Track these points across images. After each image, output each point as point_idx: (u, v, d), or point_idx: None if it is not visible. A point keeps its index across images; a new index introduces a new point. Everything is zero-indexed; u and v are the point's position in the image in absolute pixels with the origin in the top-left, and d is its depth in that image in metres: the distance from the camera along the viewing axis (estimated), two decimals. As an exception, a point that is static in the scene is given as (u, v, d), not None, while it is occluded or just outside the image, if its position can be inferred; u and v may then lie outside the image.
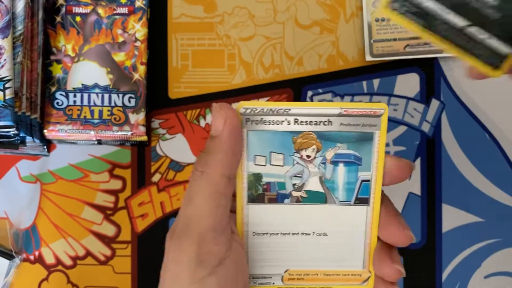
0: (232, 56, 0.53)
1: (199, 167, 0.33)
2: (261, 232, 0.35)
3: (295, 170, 0.34)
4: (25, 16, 0.48)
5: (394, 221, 0.35)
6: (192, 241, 0.32)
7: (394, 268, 0.35)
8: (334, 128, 0.33)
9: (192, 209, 0.33)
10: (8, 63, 0.47)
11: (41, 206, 0.52)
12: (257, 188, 0.34)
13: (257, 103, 0.33)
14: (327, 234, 0.35)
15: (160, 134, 0.53)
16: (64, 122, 0.50)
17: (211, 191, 0.32)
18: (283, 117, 0.33)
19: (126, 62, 0.51)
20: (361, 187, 0.34)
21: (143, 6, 0.51)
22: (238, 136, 0.33)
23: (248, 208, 0.34)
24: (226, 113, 0.33)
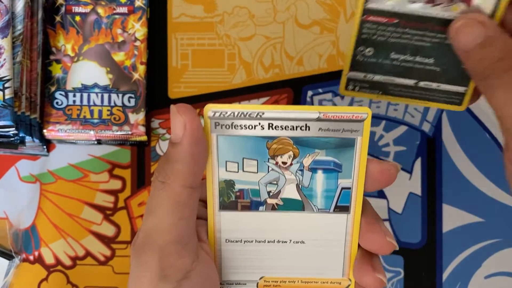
0: (232, 56, 0.53)
1: (159, 177, 0.31)
2: (235, 239, 0.34)
3: (270, 177, 0.32)
4: (24, 16, 0.48)
5: (375, 229, 0.33)
6: (153, 256, 0.30)
7: (374, 277, 0.33)
8: (312, 134, 0.32)
9: (153, 221, 0.31)
10: (8, 63, 0.47)
11: (40, 206, 0.52)
12: (229, 195, 0.33)
13: (227, 106, 0.31)
14: (305, 242, 0.34)
15: (160, 134, 0.53)
16: (64, 122, 0.50)
17: (172, 203, 0.31)
18: (256, 121, 0.31)
19: (125, 62, 0.51)
20: (341, 194, 0.33)
21: (142, 6, 0.51)
22: (200, 142, 0.31)
23: (220, 215, 0.33)
24: (186, 117, 0.30)
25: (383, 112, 0.53)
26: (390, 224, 0.52)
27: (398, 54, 0.35)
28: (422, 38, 0.35)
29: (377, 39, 0.35)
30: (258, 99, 0.53)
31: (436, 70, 0.35)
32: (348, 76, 0.37)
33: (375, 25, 0.35)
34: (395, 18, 0.34)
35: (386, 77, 0.36)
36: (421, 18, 0.34)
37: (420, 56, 0.35)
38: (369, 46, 0.36)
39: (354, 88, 0.37)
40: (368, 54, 0.36)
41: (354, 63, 0.36)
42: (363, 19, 0.35)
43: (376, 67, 0.36)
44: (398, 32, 0.35)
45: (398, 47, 0.35)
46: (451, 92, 0.36)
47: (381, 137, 0.53)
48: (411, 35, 0.35)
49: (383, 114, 0.53)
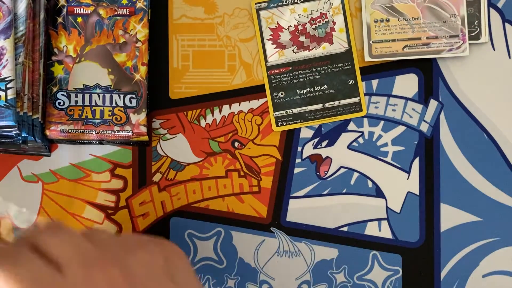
0: (232, 57, 0.53)
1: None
2: None
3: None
4: (26, 17, 0.48)
5: None
6: None
7: None
8: None
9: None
10: (10, 64, 0.47)
11: (42, 206, 0.53)
12: None
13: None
14: None
15: (161, 134, 0.53)
16: (66, 122, 0.50)
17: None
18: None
19: (127, 63, 0.51)
20: None
21: (144, 7, 0.51)
22: None
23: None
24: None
25: (381, 113, 0.53)
26: (388, 223, 0.53)
27: (302, 90, 0.51)
28: (312, 73, 0.50)
29: (283, 84, 0.51)
30: (258, 99, 0.53)
31: (332, 92, 0.51)
32: (274, 115, 0.51)
33: (278, 75, 0.50)
34: (289, 66, 0.50)
35: (301, 108, 0.51)
36: (305, 61, 0.50)
37: (317, 86, 0.50)
38: (279, 90, 0.51)
39: (282, 123, 0.51)
40: (282, 96, 0.51)
41: (275, 105, 0.51)
42: (268, 74, 0.51)
43: (291, 104, 0.51)
44: (295, 75, 0.50)
45: (299, 85, 0.50)
46: (351, 104, 0.51)
47: (380, 137, 0.53)
48: (304, 74, 0.50)
49: (381, 115, 0.53)
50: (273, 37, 0.49)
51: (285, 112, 0.51)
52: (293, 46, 0.49)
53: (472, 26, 0.53)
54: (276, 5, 0.49)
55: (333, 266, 0.52)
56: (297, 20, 0.49)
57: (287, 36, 0.49)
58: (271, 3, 0.49)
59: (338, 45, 0.51)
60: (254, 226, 0.53)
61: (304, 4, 0.49)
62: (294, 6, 0.48)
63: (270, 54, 0.50)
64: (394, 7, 0.53)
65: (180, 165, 0.53)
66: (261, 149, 0.53)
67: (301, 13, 0.49)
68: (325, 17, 0.49)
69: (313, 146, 0.53)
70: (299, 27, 0.49)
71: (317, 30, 0.49)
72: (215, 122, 0.53)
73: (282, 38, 0.49)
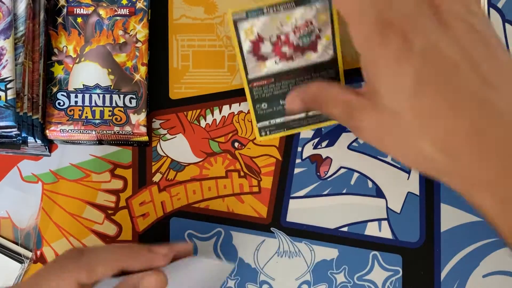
0: (232, 57, 0.53)
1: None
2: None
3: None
4: (26, 17, 0.48)
5: None
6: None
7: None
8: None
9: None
10: (10, 64, 0.47)
11: (42, 206, 0.53)
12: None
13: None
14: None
15: (161, 134, 0.53)
16: (66, 122, 0.50)
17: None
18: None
19: (127, 63, 0.51)
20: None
21: (144, 8, 0.51)
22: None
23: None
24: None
25: (381, 113, 0.53)
26: (388, 223, 0.53)
27: (284, 100, 0.48)
28: (296, 83, 0.48)
29: (266, 96, 0.48)
30: (258, 99, 0.53)
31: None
32: (258, 126, 0.50)
33: (260, 87, 0.48)
34: (271, 78, 0.48)
35: (284, 117, 0.49)
36: (288, 71, 0.47)
37: None
38: (262, 102, 0.48)
39: (266, 133, 0.50)
40: (264, 108, 0.48)
41: (258, 117, 0.49)
42: (250, 87, 0.48)
43: (274, 114, 0.49)
44: (277, 86, 0.48)
45: (282, 95, 0.48)
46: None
47: (380, 137, 0.53)
48: (287, 84, 0.48)
49: (381, 115, 0.53)
50: (254, 49, 0.46)
51: (268, 122, 0.49)
52: (275, 57, 0.46)
53: (472, 26, 0.53)
54: (256, 15, 0.44)
55: (333, 266, 0.52)
56: (279, 30, 0.45)
57: (268, 48, 0.46)
58: (249, 13, 0.44)
59: (324, 53, 0.48)
60: (254, 226, 0.53)
61: (287, 12, 0.45)
62: (276, 15, 0.44)
63: (251, 67, 0.47)
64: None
65: (180, 165, 0.53)
66: (261, 149, 0.53)
67: (284, 22, 0.45)
68: (310, 25, 0.46)
69: (313, 146, 0.53)
70: (282, 37, 0.45)
71: (301, 39, 0.46)
72: (215, 122, 0.53)
73: (263, 49, 0.46)
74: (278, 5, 0.44)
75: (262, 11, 0.44)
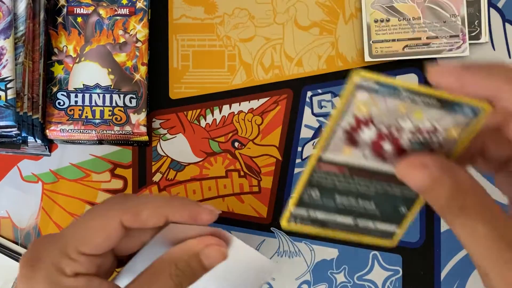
0: (232, 57, 0.54)
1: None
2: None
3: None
4: (26, 17, 0.48)
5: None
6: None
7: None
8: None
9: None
10: (10, 64, 0.47)
11: (43, 206, 0.53)
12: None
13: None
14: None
15: (161, 134, 0.53)
16: (66, 122, 0.50)
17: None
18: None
19: (127, 63, 0.51)
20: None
21: (144, 7, 0.51)
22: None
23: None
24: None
25: (381, 113, 0.53)
26: (388, 223, 0.53)
27: (343, 197, 0.37)
28: (368, 186, 0.37)
29: (325, 185, 0.37)
30: (258, 99, 0.53)
31: (375, 213, 0.38)
32: (292, 211, 0.38)
33: (326, 173, 0.36)
34: (345, 169, 0.36)
35: (328, 215, 0.38)
36: (370, 171, 0.36)
37: (363, 199, 0.37)
38: (316, 189, 0.37)
39: (295, 222, 0.39)
40: (315, 196, 0.37)
41: (300, 202, 0.38)
42: (316, 167, 0.36)
43: (319, 206, 0.38)
44: (346, 180, 0.37)
45: (343, 192, 0.37)
46: (386, 231, 0.39)
47: (380, 137, 0.53)
48: (358, 183, 0.37)
49: (381, 115, 0.53)
50: (352, 128, 0.34)
51: (307, 212, 0.38)
52: (368, 149, 0.35)
53: (472, 26, 0.53)
54: (387, 93, 0.32)
55: (333, 266, 0.52)
56: (397, 122, 0.33)
57: (369, 135, 0.34)
58: (382, 87, 0.32)
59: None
60: (254, 226, 0.53)
61: (423, 107, 0.33)
62: (409, 104, 0.34)
63: (334, 145, 0.35)
64: (394, 7, 0.53)
65: (180, 165, 0.53)
66: (261, 149, 0.53)
67: (410, 116, 0.33)
68: (434, 134, 0.34)
69: (313, 146, 0.53)
70: (393, 132, 0.34)
71: (413, 145, 0.34)
72: (215, 122, 0.53)
73: (361, 134, 0.34)
74: (419, 95, 0.33)
75: (398, 93, 0.33)
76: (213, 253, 0.39)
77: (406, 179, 0.33)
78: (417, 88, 0.33)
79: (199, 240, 0.39)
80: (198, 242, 0.39)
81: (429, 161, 0.32)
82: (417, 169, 0.32)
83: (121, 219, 0.37)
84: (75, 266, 0.36)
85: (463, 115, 0.33)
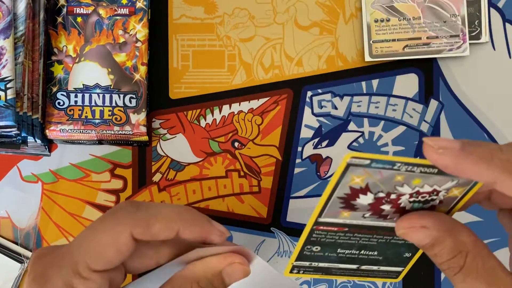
0: (232, 57, 0.53)
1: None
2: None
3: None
4: (26, 17, 0.48)
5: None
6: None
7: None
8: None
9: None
10: (10, 64, 0.47)
11: (42, 206, 0.53)
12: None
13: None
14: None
15: (161, 134, 0.53)
16: (65, 122, 0.50)
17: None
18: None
19: (127, 63, 0.51)
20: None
21: (143, 7, 0.51)
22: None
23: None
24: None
25: (381, 113, 0.53)
26: (389, 223, 0.52)
27: (344, 250, 0.37)
28: (369, 240, 0.37)
29: (325, 241, 0.37)
30: (258, 99, 0.53)
31: (379, 258, 0.38)
32: (293, 264, 0.38)
33: (325, 232, 0.36)
34: (345, 227, 0.36)
35: (331, 264, 0.38)
36: (370, 227, 0.36)
37: (365, 250, 0.37)
38: (316, 245, 0.37)
39: (298, 272, 0.39)
40: (315, 250, 0.37)
41: (301, 256, 0.38)
42: (314, 229, 0.36)
43: (321, 258, 0.38)
44: (347, 236, 0.36)
45: (345, 245, 0.37)
46: (390, 271, 0.39)
47: (380, 137, 0.53)
48: (359, 238, 0.37)
49: (381, 115, 0.53)
50: (349, 197, 0.33)
51: (309, 264, 0.38)
52: (367, 211, 0.34)
53: (472, 26, 0.53)
54: (382, 167, 0.31)
55: (333, 266, 0.52)
56: (395, 189, 0.33)
57: (366, 201, 0.33)
58: (375, 163, 0.31)
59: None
60: (254, 226, 0.53)
61: (421, 176, 0.32)
62: (407, 174, 0.32)
63: (330, 212, 0.34)
64: (395, 6, 0.53)
65: (180, 165, 0.53)
66: (261, 149, 0.53)
67: (409, 183, 0.33)
68: (434, 194, 0.33)
69: (313, 146, 0.53)
70: (392, 196, 0.33)
71: (413, 204, 0.34)
72: (215, 122, 0.53)
73: (359, 201, 0.33)
74: (416, 166, 0.32)
75: (393, 166, 0.31)
76: (237, 272, 0.37)
77: (406, 238, 0.33)
78: (413, 161, 0.32)
79: (222, 257, 0.38)
80: (221, 259, 0.37)
81: (429, 222, 0.32)
82: (417, 230, 0.32)
83: (132, 232, 0.35)
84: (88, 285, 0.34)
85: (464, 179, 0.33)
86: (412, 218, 0.33)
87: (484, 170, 0.29)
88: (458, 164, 0.29)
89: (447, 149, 0.29)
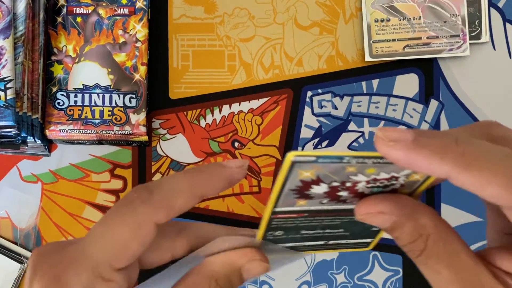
0: (232, 57, 0.53)
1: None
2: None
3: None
4: (26, 17, 0.48)
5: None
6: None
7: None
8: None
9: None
10: (9, 64, 0.47)
11: (42, 206, 0.53)
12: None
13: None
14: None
15: (161, 134, 0.53)
16: (65, 122, 0.50)
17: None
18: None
19: (127, 63, 0.51)
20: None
21: (143, 7, 0.51)
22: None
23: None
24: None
25: (382, 113, 0.53)
26: (389, 223, 0.52)
27: (308, 231, 0.36)
28: (332, 220, 0.36)
29: (287, 226, 0.36)
30: (258, 99, 0.53)
31: (345, 234, 0.37)
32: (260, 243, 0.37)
33: (284, 219, 0.35)
34: (305, 213, 0.35)
35: (297, 244, 0.38)
36: (330, 210, 0.35)
37: (330, 229, 0.36)
38: (279, 230, 0.36)
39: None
40: (278, 235, 0.36)
41: (263, 244, 0.37)
42: (272, 217, 0.35)
43: (286, 240, 0.37)
44: (308, 220, 0.35)
45: (308, 227, 0.36)
46: (359, 243, 0.38)
47: (380, 137, 0.53)
48: (321, 220, 0.36)
49: (382, 115, 0.53)
50: (301, 188, 0.32)
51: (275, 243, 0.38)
52: (324, 198, 0.33)
53: (472, 26, 0.53)
54: (329, 161, 0.30)
55: (333, 266, 0.52)
56: (349, 178, 0.32)
57: (321, 190, 0.33)
58: (322, 159, 0.30)
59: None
60: (254, 226, 0.53)
61: (376, 167, 0.31)
62: (359, 165, 0.31)
63: (284, 202, 0.33)
64: (395, 6, 0.53)
65: (180, 165, 0.53)
66: (261, 149, 0.53)
67: (364, 173, 0.32)
68: (394, 179, 0.32)
69: (314, 146, 0.53)
70: (347, 184, 0.32)
71: (372, 189, 0.33)
72: (215, 122, 0.53)
73: (313, 191, 0.33)
74: (367, 159, 0.31)
75: (342, 160, 0.30)
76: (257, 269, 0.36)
77: (366, 222, 0.32)
78: (363, 154, 0.30)
79: (243, 253, 0.36)
80: (241, 255, 0.36)
81: (386, 207, 0.31)
82: (375, 216, 0.31)
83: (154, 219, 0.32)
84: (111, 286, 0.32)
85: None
86: (370, 203, 0.31)
87: (436, 165, 0.28)
88: (410, 158, 0.28)
89: (398, 142, 0.28)
